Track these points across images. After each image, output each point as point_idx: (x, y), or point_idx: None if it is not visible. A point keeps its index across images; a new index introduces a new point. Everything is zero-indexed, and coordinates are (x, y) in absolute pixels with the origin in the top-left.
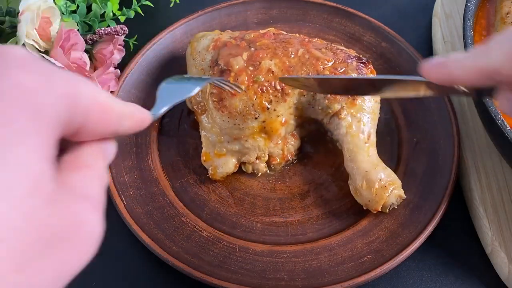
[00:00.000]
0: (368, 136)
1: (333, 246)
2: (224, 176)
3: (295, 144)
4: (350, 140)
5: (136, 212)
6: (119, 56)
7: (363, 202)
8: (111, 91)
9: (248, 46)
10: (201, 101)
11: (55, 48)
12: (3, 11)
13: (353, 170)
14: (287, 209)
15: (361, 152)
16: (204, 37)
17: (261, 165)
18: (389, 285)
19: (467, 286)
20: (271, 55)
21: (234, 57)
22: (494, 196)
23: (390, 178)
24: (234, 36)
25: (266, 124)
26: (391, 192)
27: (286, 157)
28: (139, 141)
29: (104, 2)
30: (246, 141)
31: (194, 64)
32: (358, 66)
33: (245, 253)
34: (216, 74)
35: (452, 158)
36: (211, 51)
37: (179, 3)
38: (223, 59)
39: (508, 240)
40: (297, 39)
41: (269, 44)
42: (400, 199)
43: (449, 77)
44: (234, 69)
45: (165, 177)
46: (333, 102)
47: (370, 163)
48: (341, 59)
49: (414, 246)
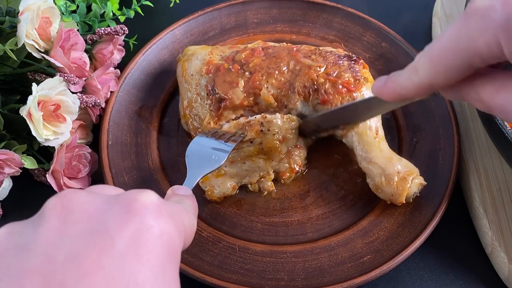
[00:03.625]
0: (376, 131)
1: (333, 246)
2: (221, 197)
3: (302, 155)
4: (360, 139)
5: None
6: (119, 56)
7: (386, 197)
8: (111, 91)
9: (241, 69)
10: (199, 127)
11: (55, 48)
12: (3, 11)
13: (369, 168)
14: (287, 209)
15: (373, 148)
16: (194, 56)
17: (268, 183)
18: (389, 285)
19: (467, 286)
20: (266, 76)
21: (232, 88)
22: (494, 196)
23: (408, 168)
24: (224, 55)
25: (264, 146)
26: (411, 182)
27: (295, 169)
28: (139, 141)
29: (104, 2)
30: (244, 163)
31: (189, 89)
32: (350, 65)
33: (245, 253)
34: (214, 103)
35: (452, 158)
36: (204, 76)
37: (179, 3)
38: (220, 87)
39: (508, 240)
40: (285, 51)
41: (261, 63)
42: (421, 186)
43: (397, 96)
44: (235, 102)
45: (165, 177)
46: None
47: (384, 157)
48: (332, 62)
49: (414, 246)
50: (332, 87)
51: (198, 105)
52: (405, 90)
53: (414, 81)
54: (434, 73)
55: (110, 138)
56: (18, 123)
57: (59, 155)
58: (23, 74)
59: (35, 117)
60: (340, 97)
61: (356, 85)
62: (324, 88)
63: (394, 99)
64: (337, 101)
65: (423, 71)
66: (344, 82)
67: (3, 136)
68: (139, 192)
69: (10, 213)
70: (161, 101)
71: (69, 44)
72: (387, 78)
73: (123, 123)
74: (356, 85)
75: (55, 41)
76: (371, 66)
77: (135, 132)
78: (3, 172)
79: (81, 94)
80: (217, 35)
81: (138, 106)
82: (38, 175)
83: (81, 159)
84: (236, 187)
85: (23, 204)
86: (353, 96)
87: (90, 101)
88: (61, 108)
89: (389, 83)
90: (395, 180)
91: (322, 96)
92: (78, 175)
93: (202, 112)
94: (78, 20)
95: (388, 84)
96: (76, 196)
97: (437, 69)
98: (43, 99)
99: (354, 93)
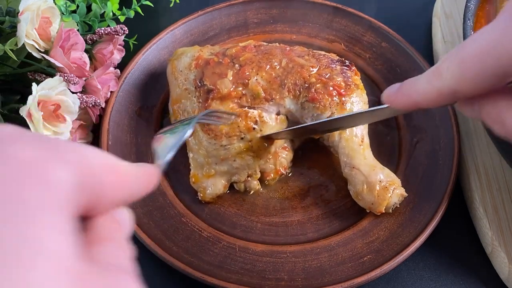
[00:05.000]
0: (361, 138)
1: (333, 246)
2: (214, 197)
3: (288, 157)
4: (345, 145)
5: (136, 212)
6: (119, 56)
7: (365, 205)
8: (111, 91)
9: (231, 62)
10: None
11: (55, 48)
12: (3, 11)
13: (351, 175)
14: (287, 209)
15: (357, 155)
16: (184, 55)
17: (254, 182)
18: (389, 285)
19: (467, 286)
20: (256, 69)
21: (221, 78)
22: (494, 196)
23: (390, 178)
24: (215, 52)
25: (253, 143)
26: (392, 192)
27: (280, 171)
28: (139, 141)
29: (104, 2)
30: (234, 161)
31: (177, 84)
32: (343, 70)
33: (245, 253)
34: (202, 95)
35: (452, 158)
36: (193, 70)
37: (179, 3)
38: (208, 79)
39: (508, 240)
40: (278, 49)
41: (252, 58)
42: (402, 197)
43: (413, 103)
44: (222, 92)
45: (165, 177)
46: (323, 110)
47: (368, 165)
48: (325, 64)
49: (414, 246)
50: (323, 88)
51: (186, 100)
52: (423, 97)
53: (436, 86)
54: (461, 78)
55: (110, 138)
56: (18, 123)
57: None
58: (23, 74)
59: (35, 117)
60: (330, 99)
61: (346, 90)
62: (315, 87)
63: (409, 107)
64: (326, 101)
65: (448, 75)
66: (335, 85)
67: None
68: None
69: None
70: (161, 101)
71: (69, 44)
72: (401, 84)
73: (123, 123)
74: (346, 90)
75: (55, 41)
76: (371, 66)
77: (135, 132)
78: None
79: (81, 94)
80: (217, 35)
81: (138, 106)
82: None
83: None
84: (227, 185)
85: None
86: (342, 100)
87: (90, 101)
88: (61, 108)
89: (404, 89)
90: (376, 188)
91: (312, 94)
92: None
93: (190, 106)
94: (78, 20)
95: (403, 90)
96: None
97: (466, 74)
98: (43, 99)
99: (343, 97)
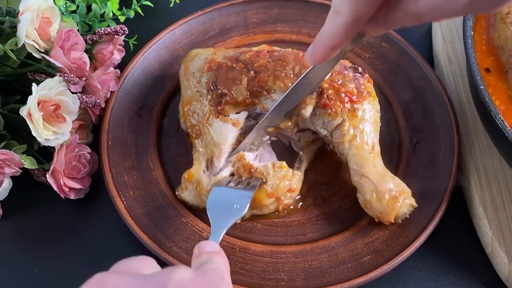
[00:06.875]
0: (372, 146)
1: (333, 247)
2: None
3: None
4: (355, 153)
5: (136, 212)
6: (119, 56)
7: (374, 214)
8: (111, 91)
9: (246, 68)
10: (197, 124)
11: (55, 48)
12: (3, 11)
13: (361, 183)
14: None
15: (367, 163)
16: (198, 57)
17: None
18: (389, 285)
19: (467, 286)
20: (273, 78)
21: (235, 84)
22: (494, 196)
23: (400, 188)
24: (228, 55)
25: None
26: (402, 202)
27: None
28: (139, 141)
29: (104, 2)
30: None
31: (189, 86)
32: (355, 76)
33: (245, 253)
34: (214, 99)
35: (452, 158)
36: (206, 73)
37: (179, 3)
38: (222, 83)
39: (508, 240)
40: (292, 55)
41: (267, 65)
42: (412, 207)
43: (330, 49)
44: (237, 99)
45: (165, 177)
46: (334, 116)
47: (378, 174)
48: (337, 70)
49: (414, 246)
50: (335, 94)
51: (197, 103)
52: (334, 38)
53: (340, 22)
54: (355, 6)
55: (110, 138)
56: (18, 123)
57: (59, 155)
58: (23, 74)
59: (35, 117)
60: (341, 105)
61: (359, 97)
62: (327, 93)
63: (329, 54)
64: (337, 108)
65: (345, 8)
66: (347, 92)
67: (3, 136)
68: (172, 271)
69: (10, 213)
70: (161, 101)
71: (69, 44)
72: (313, 41)
73: (123, 123)
74: (358, 97)
75: (55, 41)
76: (371, 66)
77: (135, 132)
78: (3, 172)
79: (81, 94)
80: (217, 35)
81: (138, 106)
82: (38, 175)
83: (81, 159)
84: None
85: (23, 204)
86: (354, 107)
87: (90, 101)
88: (61, 108)
89: (317, 42)
90: (386, 198)
91: (324, 100)
92: (78, 175)
93: (201, 109)
94: (78, 20)
95: (317, 43)
96: (108, 280)
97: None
98: (43, 99)
99: (355, 104)
